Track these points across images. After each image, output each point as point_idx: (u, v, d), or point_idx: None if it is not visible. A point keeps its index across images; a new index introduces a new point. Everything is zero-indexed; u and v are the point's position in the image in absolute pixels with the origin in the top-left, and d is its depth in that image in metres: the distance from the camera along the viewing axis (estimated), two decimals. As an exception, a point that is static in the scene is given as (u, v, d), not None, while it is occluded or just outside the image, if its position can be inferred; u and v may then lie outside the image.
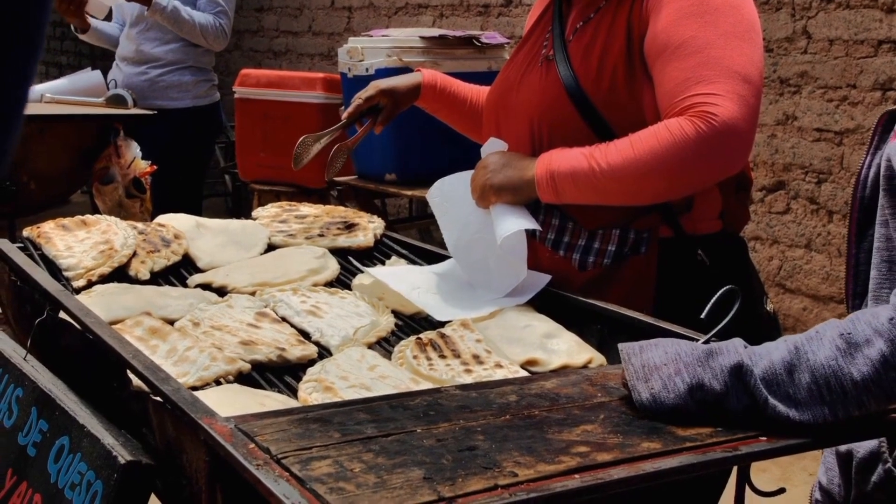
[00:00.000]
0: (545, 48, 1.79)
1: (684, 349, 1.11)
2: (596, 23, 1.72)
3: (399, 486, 0.89)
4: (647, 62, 1.65)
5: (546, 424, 1.06)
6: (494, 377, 1.40)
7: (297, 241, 2.01)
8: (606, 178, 1.60)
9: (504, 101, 1.84)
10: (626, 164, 1.58)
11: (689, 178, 1.60)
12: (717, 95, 1.55)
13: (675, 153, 1.55)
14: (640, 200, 1.65)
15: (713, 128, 1.53)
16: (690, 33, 1.60)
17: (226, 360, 1.44)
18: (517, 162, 1.72)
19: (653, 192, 1.63)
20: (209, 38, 4.14)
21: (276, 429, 1.01)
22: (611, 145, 1.61)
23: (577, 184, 1.63)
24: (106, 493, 1.17)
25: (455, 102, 2.09)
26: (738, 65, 1.57)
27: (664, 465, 0.96)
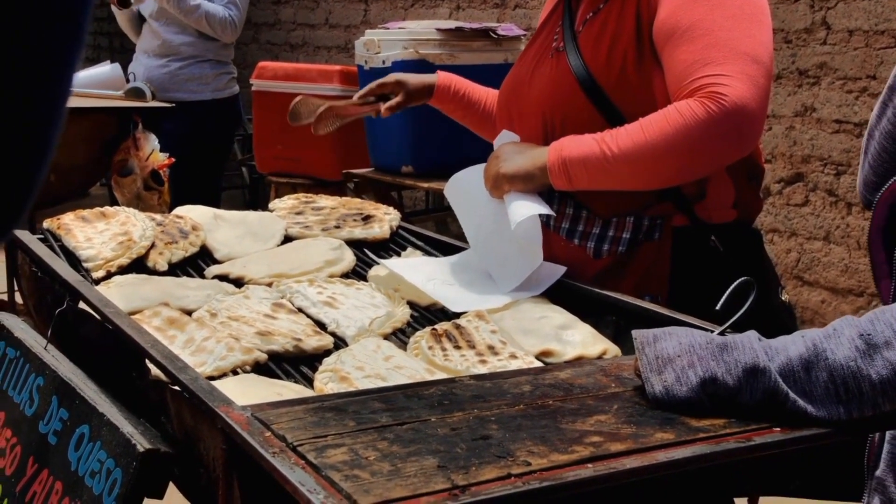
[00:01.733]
0: (556, 41, 1.80)
1: (698, 340, 1.12)
2: (605, 13, 1.73)
3: (413, 474, 0.90)
4: (657, 47, 1.66)
5: (560, 414, 1.06)
6: (509, 368, 1.40)
7: (314, 232, 2.02)
8: (618, 163, 1.60)
9: (516, 94, 1.85)
10: (637, 147, 1.58)
11: (701, 160, 1.60)
12: (726, 76, 1.55)
13: (685, 135, 1.55)
14: (653, 184, 1.66)
15: (723, 108, 1.53)
16: (698, 16, 1.60)
17: (243, 351, 1.45)
18: (529, 150, 1.73)
19: (665, 175, 1.63)
20: (216, 27, 4.15)
21: (292, 417, 1.02)
22: (621, 130, 1.61)
23: (588, 169, 1.63)
24: (125, 480, 1.19)
25: (469, 105, 2.10)
26: (747, 46, 1.58)
27: (677, 455, 0.97)
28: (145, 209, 2.79)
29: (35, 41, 0.36)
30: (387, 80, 2.05)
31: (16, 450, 1.39)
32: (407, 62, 3.68)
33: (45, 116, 0.38)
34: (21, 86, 0.36)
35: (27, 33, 0.36)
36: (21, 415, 1.42)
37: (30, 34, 0.36)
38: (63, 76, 0.38)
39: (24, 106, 0.37)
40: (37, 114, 0.37)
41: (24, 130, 0.37)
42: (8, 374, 1.50)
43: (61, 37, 0.37)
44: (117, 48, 8.88)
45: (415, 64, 3.68)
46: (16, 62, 0.36)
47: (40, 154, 0.38)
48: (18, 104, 0.37)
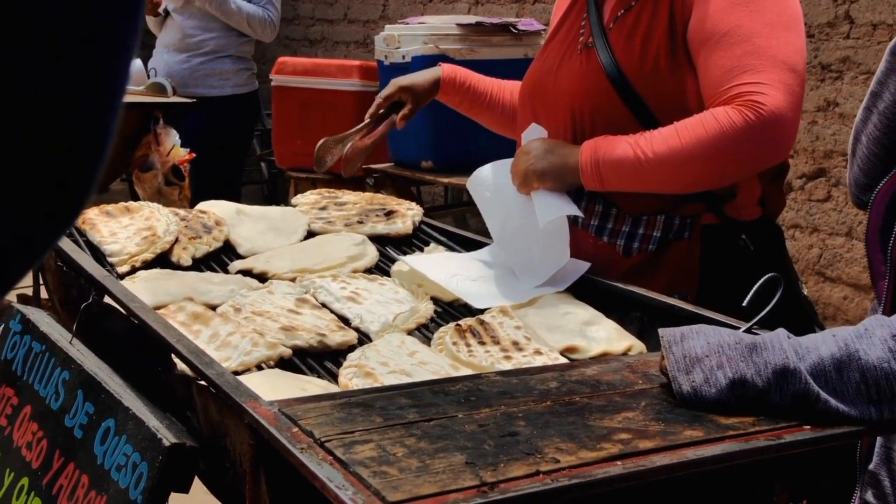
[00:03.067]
0: (582, 36, 1.79)
1: (727, 339, 1.11)
2: (638, 10, 1.71)
3: (441, 470, 0.90)
4: (691, 50, 1.65)
5: (587, 411, 1.06)
6: (534, 364, 1.40)
7: (337, 227, 2.02)
8: (652, 167, 1.60)
9: (541, 89, 1.84)
10: (672, 152, 1.58)
11: (735, 168, 1.61)
12: (765, 85, 1.55)
13: (721, 142, 1.55)
14: (685, 189, 1.66)
15: (761, 117, 1.54)
16: (736, 22, 1.60)
17: (267, 346, 1.45)
18: (560, 149, 1.72)
19: (698, 181, 1.63)
20: (256, 28, 4.18)
21: (319, 413, 1.02)
22: (656, 134, 1.61)
23: (621, 172, 1.63)
24: (151, 474, 1.19)
25: (476, 96, 2.08)
26: (784, 54, 1.58)
27: (707, 453, 0.96)
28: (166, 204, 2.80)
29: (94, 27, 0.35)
30: (391, 91, 2.04)
31: (42, 443, 1.40)
32: (427, 57, 3.67)
33: (105, 106, 0.37)
34: (82, 72, 0.36)
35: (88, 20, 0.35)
36: (47, 408, 1.43)
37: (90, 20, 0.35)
38: (121, 57, 0.37)
39: (86, 95, 0.36)
40: (97, 104, 0.37)
41: (87, 123, 0.36)
42: (34, 368, 1.50)
43: (117, 17, 0.36)
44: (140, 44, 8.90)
45: (435, 59, 3.66)
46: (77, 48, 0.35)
47: (100, 146, 0.38)
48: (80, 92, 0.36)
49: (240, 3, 4.14)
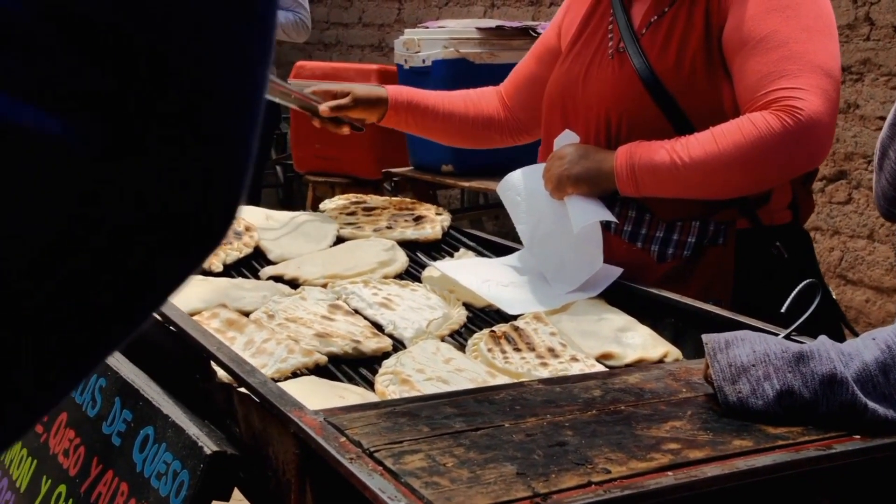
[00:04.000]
0: (611, 41, 1.78)
1: (773, 348, 1.10)
2: (672, 16, 1.71)
3: (493, 481, 0.89)
4: (726, 55, 1.65)
5: (633, 420, 1.05)
6: (570, 371, 1.39)
7: (365, 233, 2.02)
8: (689, 172, 1.59)
9: (570, 95, 1.83)
10: (710, 157, 1.58)
11: (772, 173, 1.61)
12: (802, 90, 1.55)
13: (759, 147, 1.55)
14: (722, 194, 1.65)
15: (799, 122, 1.54)
16: (773, 27, 1.60)
17: (303, 353, 1.45)
18: (595, 154, 1.72)
19: (735, 187, 1.63)
20: (290, 32, 4.19)
21: (365, 422, 1.02)
22: (692, 139, 1.61)
23: (658, 177, 1.63)
24: (192, 482, 1.19)
25: (426, 110, 2.06)
26: (821, 59, 1.58)
27: (758, 463, 0.95)
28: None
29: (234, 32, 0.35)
30: (332, 87, 2.03)
31: (79, 450, 1.40)
32: (447, 61, 3.67)
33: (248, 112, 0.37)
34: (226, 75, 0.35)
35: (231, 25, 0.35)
36: (83, 416, 1.43)
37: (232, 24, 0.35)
38: (259, 59, 0.36)
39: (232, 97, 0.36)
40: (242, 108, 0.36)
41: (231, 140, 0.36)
42: (69, 375, 1.50)
43: (247, 17, 0.36)
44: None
45: (455, 63, 3.67)
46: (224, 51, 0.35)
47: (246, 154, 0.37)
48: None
49: None
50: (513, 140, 2.15)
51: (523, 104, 2.07)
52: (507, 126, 2.11)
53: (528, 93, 2.05)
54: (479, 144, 2.17)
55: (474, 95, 2.12)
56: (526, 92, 2.06)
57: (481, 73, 3.60)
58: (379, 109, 2.03)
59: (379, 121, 2.06)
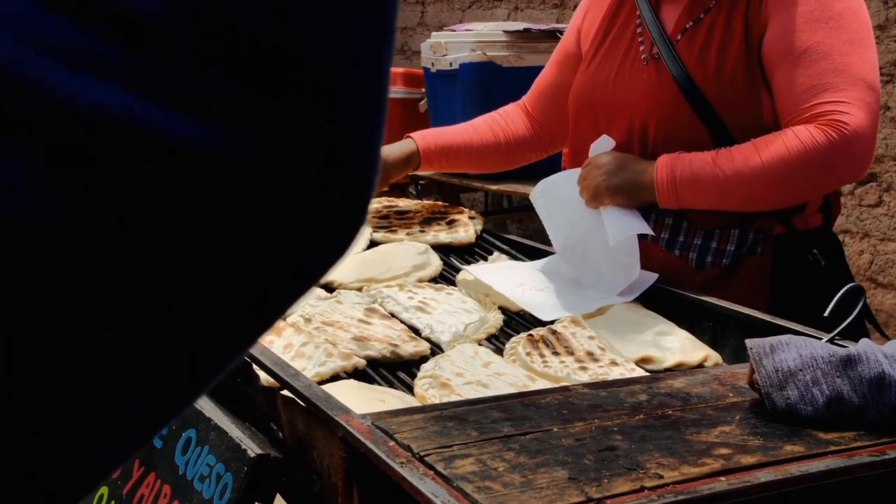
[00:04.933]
0: (643, 46, 1.77)
1: (819, 352, 1.09)
2: (709, 22, 1.70)
3: (545, 485, 0.89)
4: (766, 66, 1.65)
5: (682, 425, 1.05)
6: (610, 375, 1.39)
7: (399, 236, 2.02)
8: (731, 186, 1.58)
9: (599, 100, 1.82)
10: (753, 171, 1.57)
11: (817, 186, 1.62)
12: (847, 104, 1.55)
13: (804, 161, 1.55)
14: (763, 207, 1.65)
15: (844, 136, 1.54)
16: (816, 39, 1.59)
17: (341, 356, 1.45)
18: (633, 165, 1.70)
19: (777, 200, 1.63)
20: None
21: (414, 426, 1.01)
22: (734, 151, 1.60)
23: (699, 190, 1.62)
24: (236, 485, 1.19)
25: (459, 150, 2.03)
26: (864, 72, 1.57)
27: (811, 469, 0.94)
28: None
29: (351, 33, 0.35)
30: None
31: (121, 453, 1.40)
32: (474, 64, 3.67)
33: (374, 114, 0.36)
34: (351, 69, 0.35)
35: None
36: (125, 418, 1.44)
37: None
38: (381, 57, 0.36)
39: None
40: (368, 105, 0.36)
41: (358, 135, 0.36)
42: (109, 378, 1.51)
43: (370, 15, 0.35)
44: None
45: (482, 66, 3.66)
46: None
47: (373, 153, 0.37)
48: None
49: None
50: (545, 152, 2.13)
51: (550, 114, 2.05)
52: (537, 140, 2.09)
53: (554, 103, 2.02)
54: (513, 165, 2.15)
55: (500, 119, 2.08)
56: (551, 102, 2.04)
57: (508, 76, 3.59)
58: (412, 164, 2.01)
59: (414, 170, 2.03)
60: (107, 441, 0.34)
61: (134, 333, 0.32)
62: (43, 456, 0.32)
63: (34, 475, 0.32)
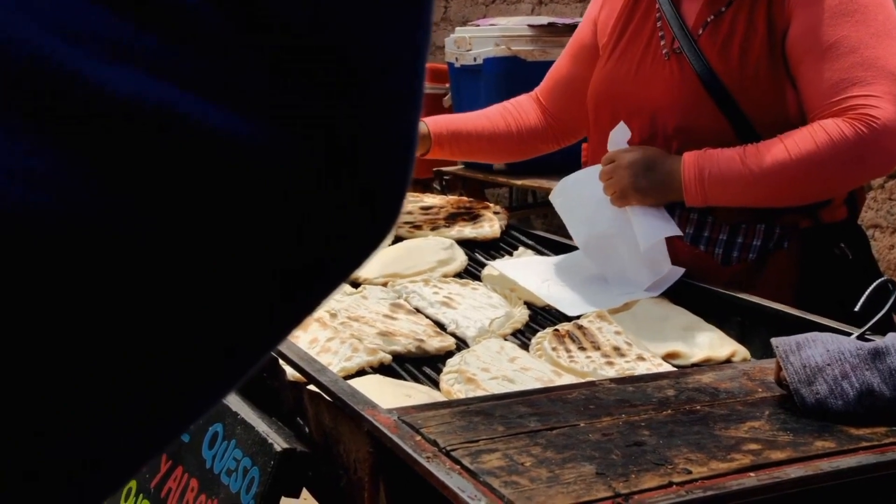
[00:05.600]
0: (663, 41, 1.75)
1: (847, 347, 1.08)
2: (731, 17, 1.68)
3: (573, 480, 0.88)
4: (790, 60, 1.63)
5: (710, 420, 1.04)
6: (637, 370, 1.38)
7: (423, 232, 2.02)
8: (759, 183, 1.57)
9: (620, 95, 1.80)
10: (782, 167, 1.55)
11: (847, 180, 1.60)
12: (876, 97, 1.53)
13: (834, 156, 1.53)
14: (792, 203, 1.64)
15: (874, 130, 1.52)
16: (842, 32, 1.58)
17: (367, 351, 1.45)
18: (660, 164, 1.67)
19: (807, 195, 1.62)
20: None
21: (440, 421, 1.01)
22: (762, 148, 1.58)
23: (728, 188, 1.60)
24: (263, 479, 1.19)
25: (471, 136, 2.02)
26: (892, 65, 1.56)
27: (842, 465, 0.93)
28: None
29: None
30: None
31: (149, 447, 1.41)
32: (499, 59, 3.66)
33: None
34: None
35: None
36: (152, 413, 1.44)
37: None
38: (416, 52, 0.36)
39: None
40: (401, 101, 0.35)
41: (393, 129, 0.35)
42: (137, 373, 1.52)
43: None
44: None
45: (506, 61, 3.65)
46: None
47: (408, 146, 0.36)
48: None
49: None
50: (557, 144, 2.12)
51: (564, 107, 2.03)
52: (550, 132, 2.08)
53: (568, 95, 2.01)
54: (525, 156, 2.14)
55: (512, 109, 2.07)
56: (565, 94, 2.02)
57: (533, 71, 3.57)
58: (422, 146, 2.00)
59: (423, 156, 2.02)
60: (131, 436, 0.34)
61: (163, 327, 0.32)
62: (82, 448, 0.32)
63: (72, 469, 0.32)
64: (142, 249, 0.30)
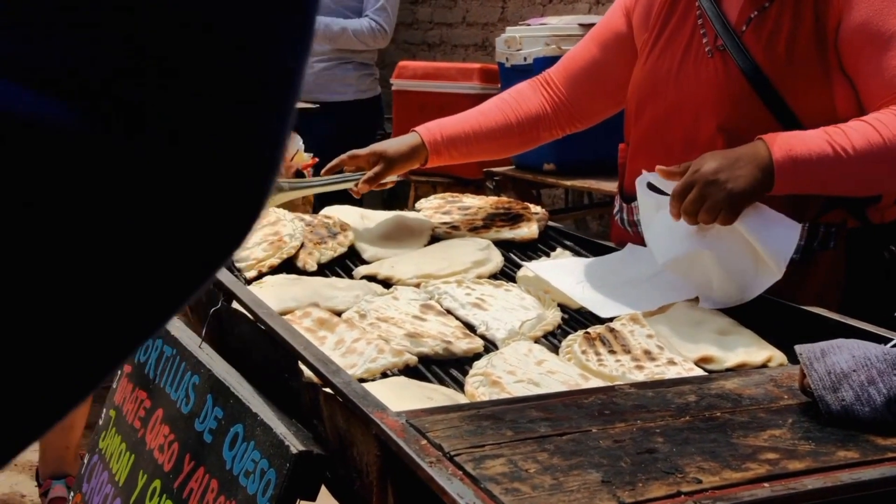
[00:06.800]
0: (705, 38, 1.71)
1: (873, 352, 1.03)
2: (776, 12, 1.63)
3: (576, 488, 0.86)
4: (846, 54, 1.59)
5: (729, 427, 1.00)
6: (667, 375, 1.34)
7: (461, 232, 2.00)
8: (853, 164, 1.49)
9: (662, 96, 1.75)
10: (877, 148, 1.49)
11: None
12: None
13: None
14: (880, 189, 1.58)
15: None
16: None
17: (393, 353, 1.43)
18: (744, 155, 1.51)
19: (893, 179, 1.55)
20: (367, 40, 4.18)
21: (448, 425, 0.99)
22: (848, 129, 1.51)
23: (820, 170, 1.50)
24: (279, 481, 1.19)
25: (468, 139, 1.95)
26: None
27: (864, 477, 0.89)
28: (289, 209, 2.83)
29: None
30: (360, 152, 1.95)
31: (173, 446, 1.42)
32: (548, 59, 3.61)
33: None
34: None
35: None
36: (178, 412, 1.45)
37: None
38: (291, 53, 0.34)
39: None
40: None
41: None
42: (165, 372, 1.53)
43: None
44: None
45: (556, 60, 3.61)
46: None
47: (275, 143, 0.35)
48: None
49: (343, 23, 4.14)
50: (561, 131, 2.03)
51: (584, 92, 1.96)
52: (557, 118, 2.00)
53: (591, 79, 1.94)
54: (528, 146, 2.07)
55: (510, 99, 2.01)
56: (588, 78, 1.95)
57: (584, 70, 3.54)
58: (418, 158, 1.94)
59: (422, 166, 1.97)
60: None
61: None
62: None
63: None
64: None
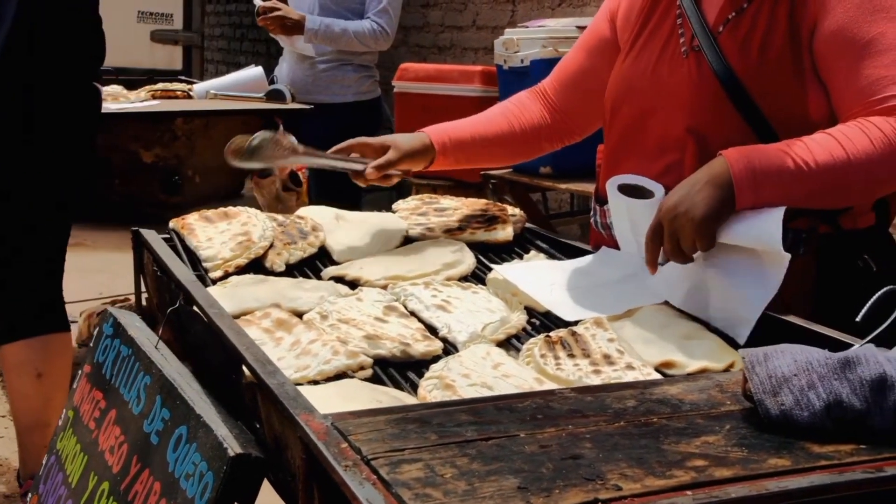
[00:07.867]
0: (682, 38, 1.67)
1: (816, 357, 1.00)
2: (752, 14, 1.60)
3: (489, 495, 0.83)
4: (820, 60, 1.55)
5: (663, 433, 0.97)
6: (624, 379, 1.31)
7: (436, 234, 1.97)
8: (814, 179, 1.45)
9: (637, 95, 1.72)
10: (839, 163, 1.45)
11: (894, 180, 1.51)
12: None
13: (888, 154, 1.44)
14: (843, 203, 1.55)
15: None
16: (878, 29, 1.51)
17: (348, 355, 1.41)
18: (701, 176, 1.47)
19: (859, 194, 1.53)
20: (368, 42, 4.16)
21: (372, 428, 0.97)
22: (811, 143, 1.47)
23: (782, 184, 1.45)
24: (216, 484, 1.16)
25: (475, 143, 1.93)
26: None
27: (791, 486, 0.86)
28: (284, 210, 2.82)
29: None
30: (370, 140, 1.91)
31: (122, 448, 1.40)
32: (546, 61, 3.59)
33: None
34: None
35: None
36: (129, 413, 1.43)
37: None
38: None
39: None
40: None
41: None
42: (121, 372, 1.51)
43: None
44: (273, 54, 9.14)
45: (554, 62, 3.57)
46: None
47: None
48: None
49: (345, 25, 4.12)
50: (561, 143, 2.03)
51: (574, 101, 1.95)
52: (555, 129, 1.99)
53: (580, 89, 1.93)
54: (530, 156, 2.05)
55: (514, 108, 1.99)
56: (577, 88, 1.94)
57: (581, 73, 3.51)
58: (425, 157, 1.91)
59: (427, 167, 1.94)
60: None
61: None
62: None
63: None
64: None
